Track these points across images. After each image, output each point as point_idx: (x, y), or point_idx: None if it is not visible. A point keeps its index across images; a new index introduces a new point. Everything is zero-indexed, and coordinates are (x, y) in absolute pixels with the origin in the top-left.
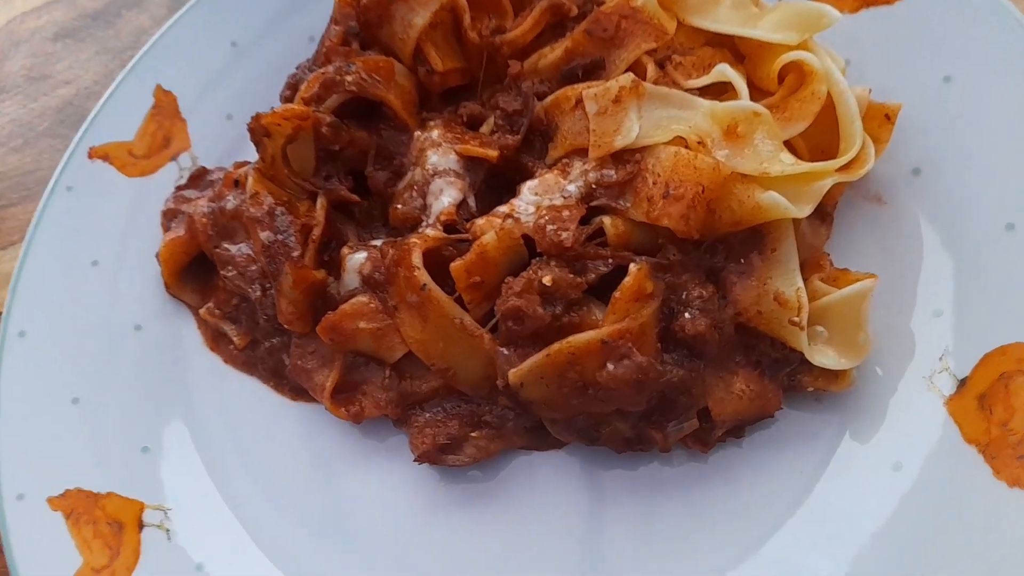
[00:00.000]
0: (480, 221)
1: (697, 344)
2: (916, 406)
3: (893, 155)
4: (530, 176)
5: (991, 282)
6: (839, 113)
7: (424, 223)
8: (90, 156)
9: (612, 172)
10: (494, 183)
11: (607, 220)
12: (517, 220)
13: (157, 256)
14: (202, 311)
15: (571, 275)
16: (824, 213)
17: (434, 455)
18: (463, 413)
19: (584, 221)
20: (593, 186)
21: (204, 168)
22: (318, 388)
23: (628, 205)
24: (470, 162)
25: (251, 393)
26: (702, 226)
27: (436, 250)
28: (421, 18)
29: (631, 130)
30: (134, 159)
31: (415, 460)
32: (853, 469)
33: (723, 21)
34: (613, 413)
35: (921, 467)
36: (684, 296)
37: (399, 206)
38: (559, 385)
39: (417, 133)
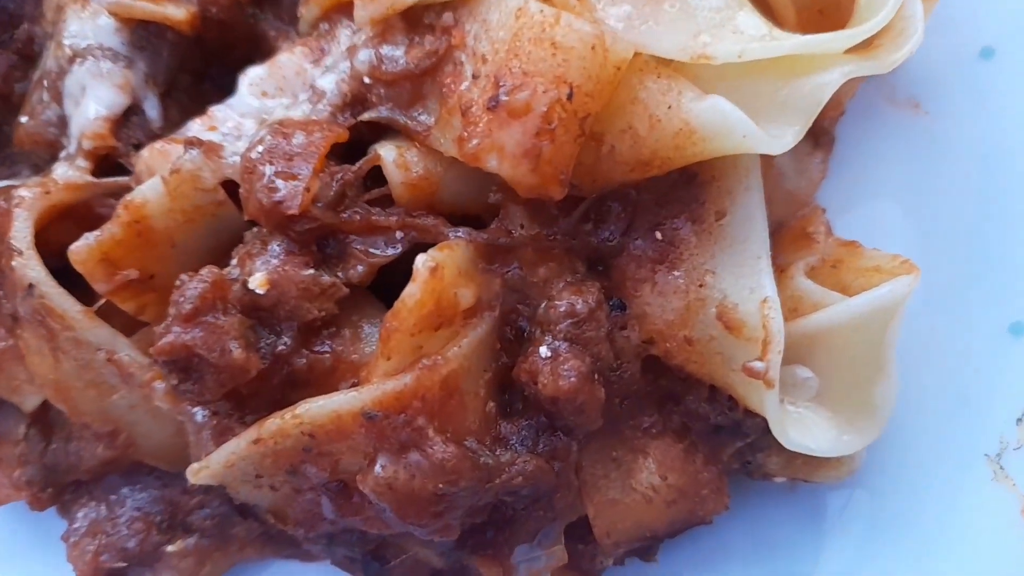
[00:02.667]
0: (147, 152)
1: (562, 410)
2: (980, 506)
3: (948, 27)
4: (269, 52)
5: None
6: None
7: (63, 152)
8: None
9: (399, 52)
10: (212, 72)
11: (387, 154)
12: (217, 150)
13: None
14: None
15: (311, 272)
16: (819, 132)
17: None
18: (154, 508)
19: (353, 151)
20: (366, 80)
21: None
22: None
23: (430, 122)
24: (144, 33)
25: None
26: (572, 172)
27: (85, 204)
28: None
29: None
30: None
31: None
32: None
33: None
34: (405, 535)
35: None
36: (541, 310)
37: (21, 119)
38: (297, 487)
39: None
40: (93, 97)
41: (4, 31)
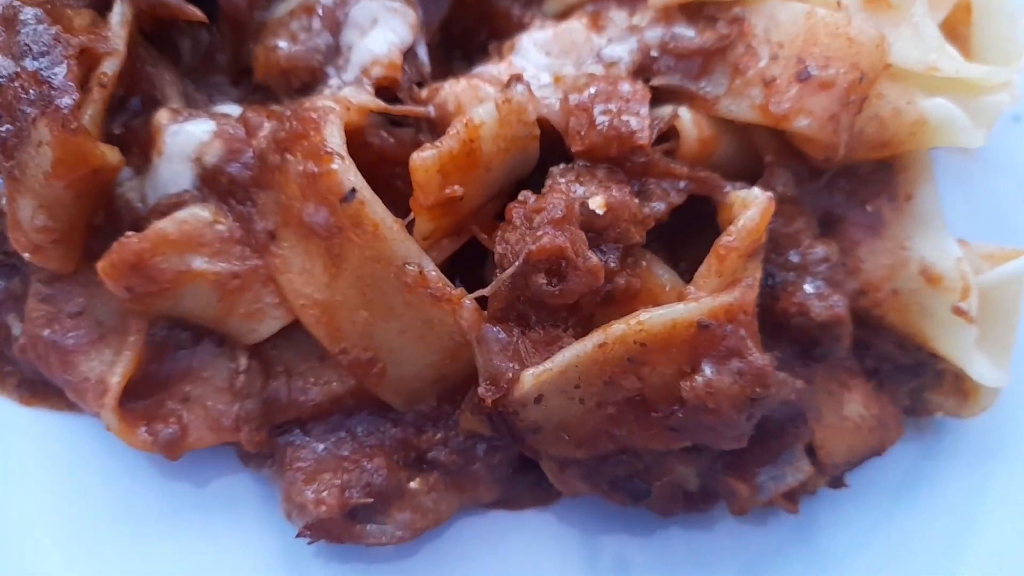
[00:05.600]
0: (457, 86)
1: (825, 336)
2: None
3: None
4: (511, 29)
5: None
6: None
7: (332, 80)
8: None
9: (690, 32)
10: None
11: (685, 114)
12: (529, 90)
13: None
14: None
15: (636, 200)
16: None
17: (337, 526)
18: (388, 444)
19: None
20: (653, 53)
21: None
22: (90, 385)
23: (720, 92)
24: None
25: None
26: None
27: (359, 132)
28: None
29: None
30: None
31: (298, 533)
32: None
33: None
34: (678, 453)
35: None
36: (792, 257)
37: (279, 44)
38: (602, 401)
39: None
40: (387, 29)
41: None
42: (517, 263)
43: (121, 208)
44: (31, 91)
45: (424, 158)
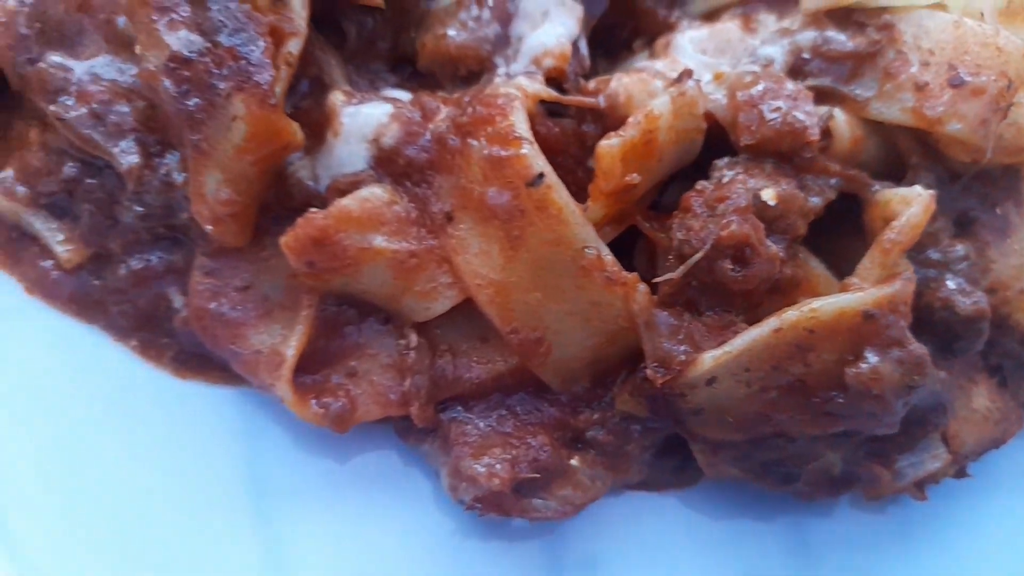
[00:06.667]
0: (626, 78)
1: (965, 333)
2: None
3: None
4: (657, 32)
5: None
6: None
7: (500, 70)
8: None
9: (843, 37)
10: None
11: (839, 114)
12: (698, 85)
13: None
14: None
15: (802, 195)
16: None
17: (506, 499)
18: (547, 423)
19: None
20: (805, 55)
21: None
22: (263, 358)
23: (870, 94)
24: None
25: (87, 355)
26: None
27: (530, 119)
28: None
29: None
30: None
31: (468, 506)
32: None
33: None
34: (825, 437)
35: None
36: (932, 254)
37: (449, 33)
38: (766, 385)
39: None
40: (559, 22)
41: None
42: (705, 248)
43: (292, 186)
44: (224, 67)
45: (611, 145)
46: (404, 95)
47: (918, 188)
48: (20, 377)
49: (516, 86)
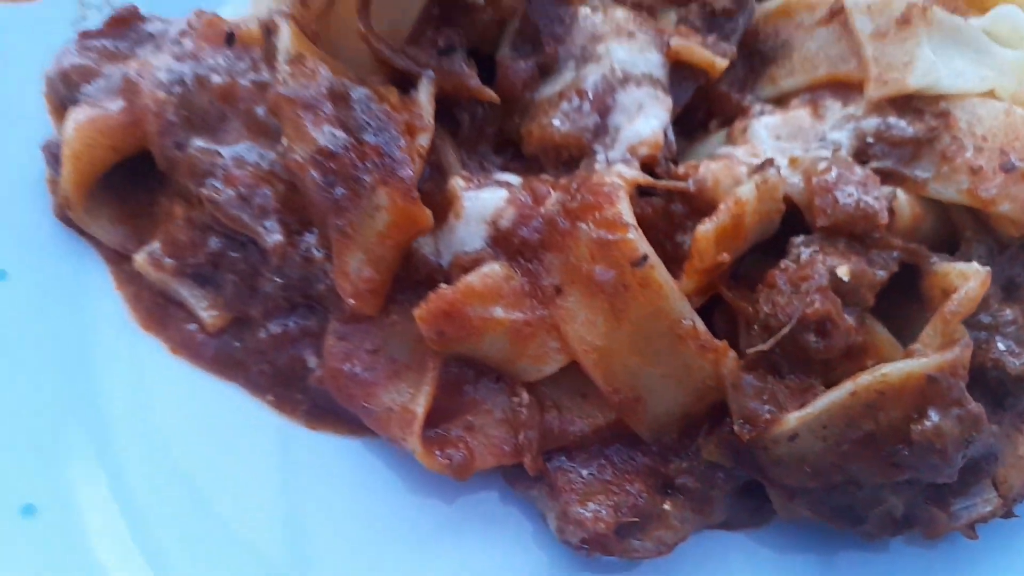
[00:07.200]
0: (713, 165)
1: (1016, 389)
2: None
3: None
4: (731, 114)
5: None
6: None
7: (599, 156)
8: None
9: (903, 123)
10: None
11: (901, 194)
12: (779, 171)
13: (45, 149)
14: (140, 259)
15: (871, 269)
16: None
17: (610, 541)
18: (641, 471)
19: None
20: (869, 140)
21: (135, 9)
22: (394, 415)
23: (928, 176)
24: (678, 72)
25: (225, 412)
26: None
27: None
28: None
29: (931, 67)
30: None
31: (578, 546)
32: None
33: None
34: (889, 484)
35: None
36: (983, 318)
37: (554, 123)
38: (841, 439)
39: (584, 10)
40: (652, 115)
41: (526, 44)
42: (791, 323)
43: (418, 261)
44: (368, 161)
45: (707, 230)
46: (515, 179)
47: (975, 265)
48: (162, 423)
49: (618, 174)
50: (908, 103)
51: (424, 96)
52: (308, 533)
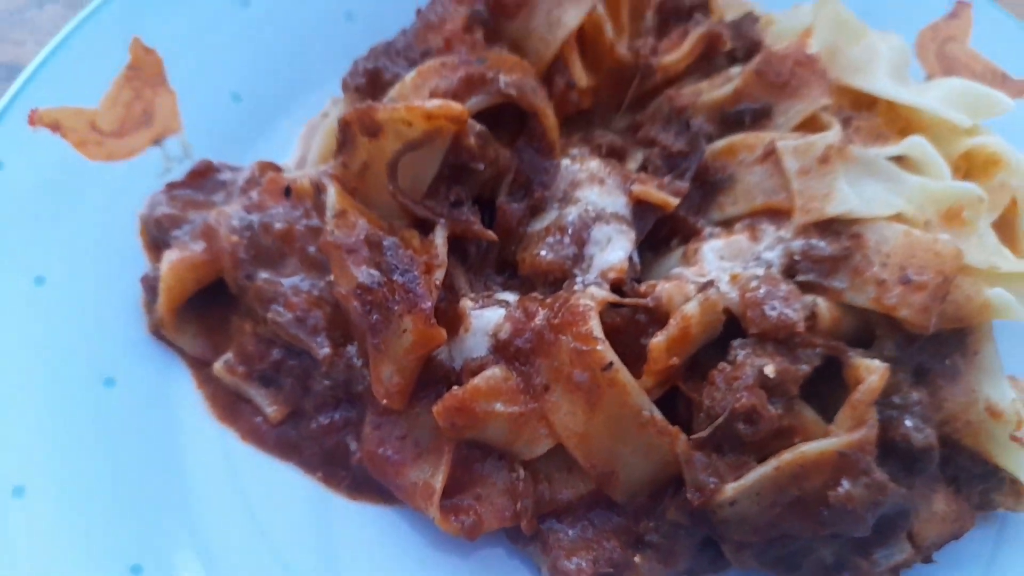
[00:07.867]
0: (667, 284)
1: (921, 459)
2: None
3: None
4: (688, 234)
5: None
6: None
7: (578, 279)
8: (32, 122)
9: (823, 244)
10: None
11: (822, 303)
12: (718, 289)
13: (144, 281)
14: (217, 366)
15: (794, 366)
16: None
17: None
18: (616, 530)
19: None
20: (796, 257)
21: (209, 163)
22: (418, 488)
23: (844, 286)
24: (640, 208)
25: (284, 486)
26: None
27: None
28: (573, 17)
29: (846, 198)
30: (99, 136)
31: None
32: None
33: (882, 88)
34: (818, 538)
35: None
36: (895, 399)
37: (541, 252)
38: (773, 504)
39: (565, 162)
40: (618, 246)
41: (520, 190)
42: (724, 415)
43: (436, 365)
44: (396, 294)
45: (660, 341)
46: (512, 296)
47: (877, 362)
48: (235, 494)
49: (591, 295)
50: (828, 226)
51: (439, 239)
52: None
